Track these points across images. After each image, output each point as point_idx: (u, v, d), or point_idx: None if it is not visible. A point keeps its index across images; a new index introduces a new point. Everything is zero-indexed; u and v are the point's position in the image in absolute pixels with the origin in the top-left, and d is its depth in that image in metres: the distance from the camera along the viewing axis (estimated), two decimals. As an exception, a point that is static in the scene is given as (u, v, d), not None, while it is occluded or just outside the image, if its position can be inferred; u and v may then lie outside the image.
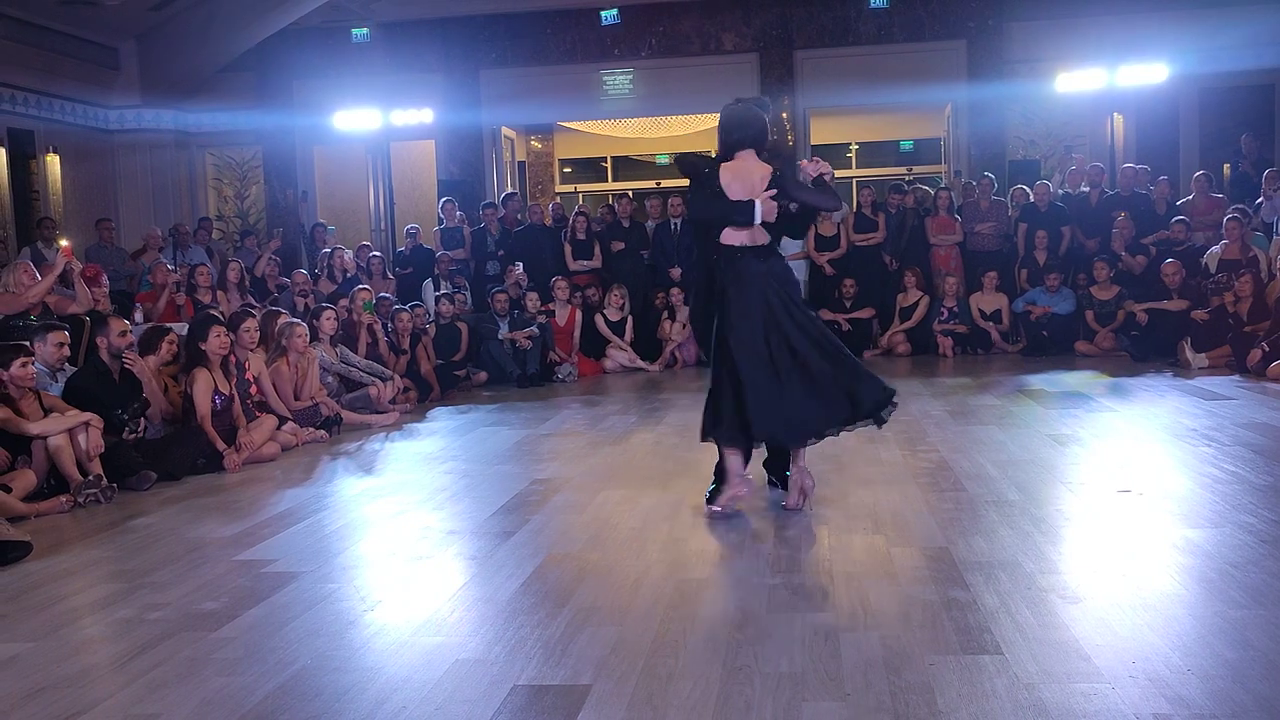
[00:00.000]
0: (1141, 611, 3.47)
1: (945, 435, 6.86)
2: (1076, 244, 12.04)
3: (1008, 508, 4.91)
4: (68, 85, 13.52)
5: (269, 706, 3.02)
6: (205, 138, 15.42)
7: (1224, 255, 10.52)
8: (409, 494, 5.83)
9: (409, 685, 3.14)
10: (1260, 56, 13.43)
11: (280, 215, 15.23)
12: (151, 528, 5.34)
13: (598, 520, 5.11)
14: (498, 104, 14.96)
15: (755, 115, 5.13)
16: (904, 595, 3.74)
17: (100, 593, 4.27)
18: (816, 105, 14.89)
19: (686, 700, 2.95)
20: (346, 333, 9.39)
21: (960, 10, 14.18)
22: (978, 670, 3.05)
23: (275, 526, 5.20)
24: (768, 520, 4.87)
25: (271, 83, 15.16)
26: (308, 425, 7.75)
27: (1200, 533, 4.37)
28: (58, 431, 5.91)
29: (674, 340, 11.83)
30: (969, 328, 11.86)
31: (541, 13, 14.78)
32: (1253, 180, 11.99)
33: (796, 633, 3.41)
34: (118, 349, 6.68)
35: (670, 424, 7.83)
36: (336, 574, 4.34)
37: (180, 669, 3.34)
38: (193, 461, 6.66)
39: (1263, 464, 5.61)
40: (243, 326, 7.47)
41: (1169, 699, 2.82)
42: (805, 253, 12.55)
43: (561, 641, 3.43)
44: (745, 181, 4.99)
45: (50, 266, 7.81)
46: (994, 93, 14.06)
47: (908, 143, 18.99)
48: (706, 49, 14.75)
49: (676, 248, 12.40)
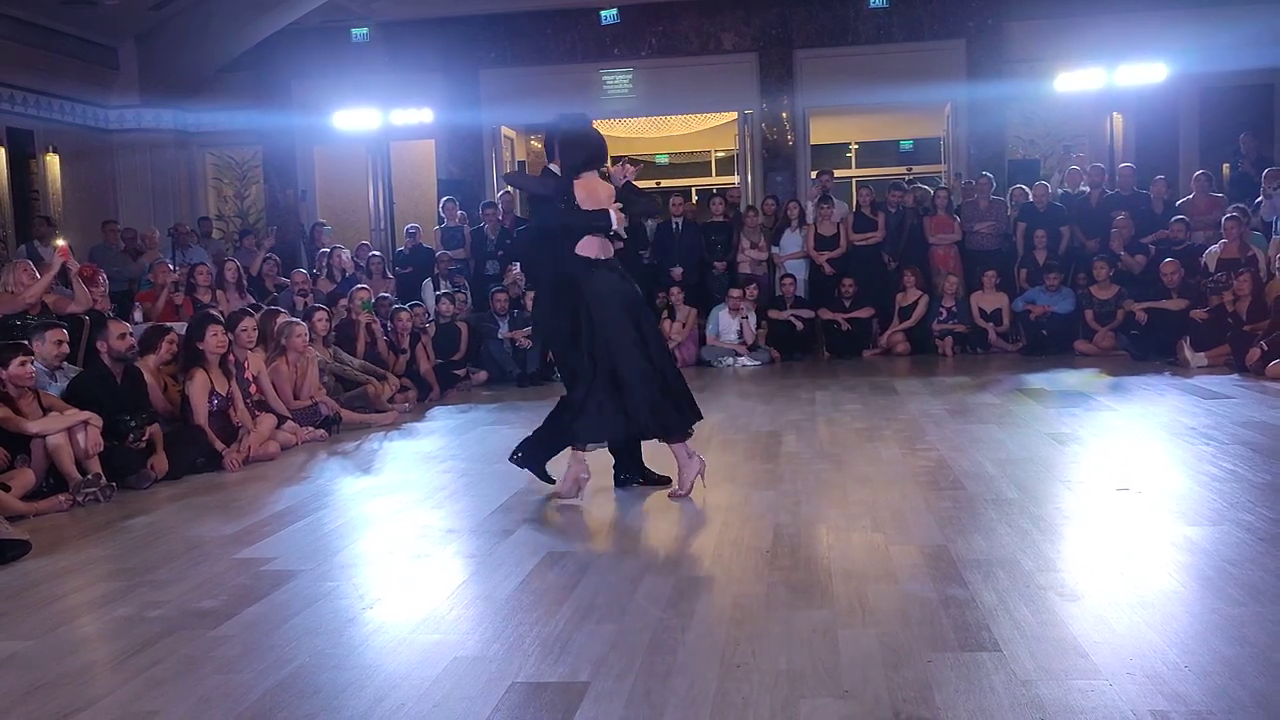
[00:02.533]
0: (1139, 609, 3.47)
1: (944, 434, 6.86)
2: (1076, 243, 12.05)
3: (1006, 506, 4.91)
4: (67, 85, 13.52)
5: (267, 704, 3.03)
6: (205, 137, 15.41)
7: (1223, 254, 10.53)
8: (408, 493, 5.84)
9: (407, 682, 3.14)
10: (1260, 56, 13.41)
11: (280, 215, 15.22)
12: (150, 526, 5.34)
13: (596, 518, 5.11)
14: (497, 103, 14.95)
15: (596, 136, 5.43)
16: (902, 593, 3.74)
17: (99, 591, 4.27)
18: (816, 105, 14.88)
19: (684, 697, 2.95)
20: (345, 332, 9.40)
21: (959, 10, 14.18)
22: (976, 667, 3.05)
23: (274, 525, 5.21)
24: (766, 519, 4.87)
25: (271, 82, 15.15)
26: (307, 424, 7.75)
27: (1198, 531, 4.37)
28: (57, 430, 5.91)
29: (673, 339, 11.82)
30: (968, 327, 11.87)
31: (541, 12, 14.78)
32: (1252, 179, 11.99)
33: (795, 630, 3.41)
34: (118, 352, 6.67)
35: (669, 423, 7.82)
36: (335, 572, 4.34)
37: (179, 666, 3.34)
38: (192, 460, 6.66)
39: (1261, 462, 5.61)
40: (240, 326, 7.48)
41: (1167, 696, 2.82)
42: (805, 252, 12.56)
43: (560, 639, 3.43)
44: (594, 196, 5.29)
45: (48, 266, 7.81)
46: (993, 92, 14.05)
47: (907, 142, 18.99)
48: (706, 49, 14.74)
49: (677, 248, 12.42)
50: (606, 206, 5.29)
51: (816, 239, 12.50)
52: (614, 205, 5.31)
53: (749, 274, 12.45)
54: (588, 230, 5.29)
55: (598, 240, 5.32)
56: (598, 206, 5.28)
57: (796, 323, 12.14)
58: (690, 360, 11.84)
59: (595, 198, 5.31)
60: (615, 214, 5.29)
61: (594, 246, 5.31)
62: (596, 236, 5.31)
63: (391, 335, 9.85)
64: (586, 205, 5.28)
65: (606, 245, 5.37)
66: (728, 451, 6.67)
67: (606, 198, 5.33)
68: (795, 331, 12.14)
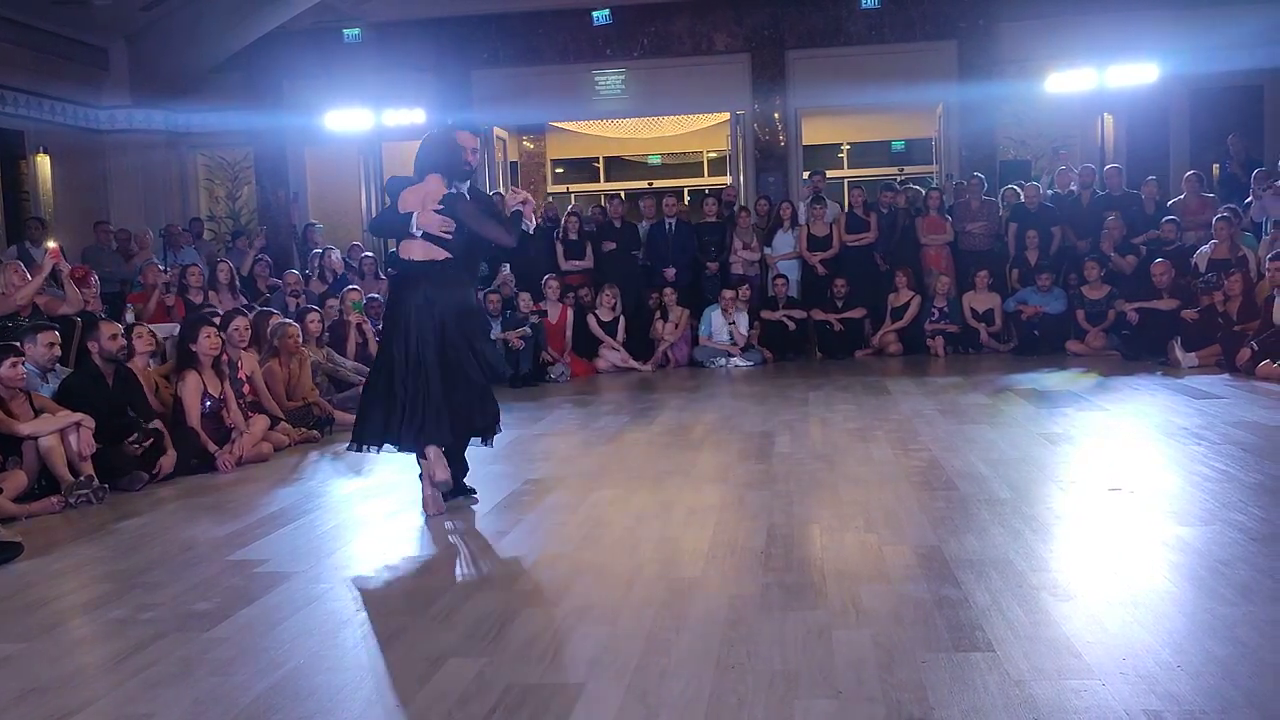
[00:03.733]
0: (1132, 608, 3.48)
1: (937, 434, 6.88)
2: (1068, 244, 12.08)
3: (999, 506, 4.92)
4: (58, 85, 13.47)
5: (261, 706, 3.02)
6: (196, 138, 15.37)
7: (1213, 255, 10.56)
8: (401, 494, 5.82)
9: (402, 684, 3.13)
10: (1250, 57, 13.47)
11: (272, 216, 15.19)
12: (143, 528, 5.33)
13: (590, 520, 5.11)
14: (489, 104, 14.93)
15: (447, 143, 5.33)
16: (896, 593, 3.75)
17: (92, 593, 4.26)
18: (808, 105, 14.90)
19: (679, 698, 2.96)
20: (337, 333, 9.39)
21: (951, 10, 14.21)
22: (969, 667, 3.06)
23: (268, 527, 5.20)
24: (759, 520, 4.88)
25: (262, 83, 15.11)
26: (300, 425, 7.74)
27: (1190, 530, 4.39)
28: (49, 432, 5.90)
29: (666, 340, 11.85)
30: (960, 327, 11.89)
31: (533, 13, 14.76)
32: (1241, 181, 12.03)
33: (788, 631, 3.42)
34: (109, 352, 6.66)
35: (663, 424, 7.83)
36: (329, 574, 4.34)
37: (173, 669, 3.33)
38: (185, 462, 6.64)
39: (1252, 462, 5.63)
40: (233, 325, 7.47)
41: (1159, 695, 2.83)
42: (797, 252, 12.58)
43: (555, 640, 3.43)
44: (418, 198, 5.22)
45: (39, 267, 7.79)
46: (985, 93, 14.08)
47: (899, 143, 19.01)
48: (698, 49, 14.75)
49: (670, 248, 12.42)
50: (425, 206, 5.17)
51: (809, 239, 12.51)
52: (430, 208, 5.16)
53: (742, 274, 12.46)
54: (395, 233, 5.35)
55: (417, 242, 5.22)
56: (416, 207, 5.19)
57: (789, 323, 12.15)
58: (683, 361, 11.86)
59: (418, 198, 5.21)
60: (420, 215, 5.16)
61: (415, 247, 5.23)
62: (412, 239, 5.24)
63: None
64: (408, 203, 5.22)
65: (427, 248, 5.19)
66: (721, 452, 6.67)
67: (431, 199, 5.18)
68: (788, 332, 12.15)
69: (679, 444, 7.00)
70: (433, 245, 5.20)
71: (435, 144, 5.35)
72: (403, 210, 5.23)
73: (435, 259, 5.21)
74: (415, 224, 5.16)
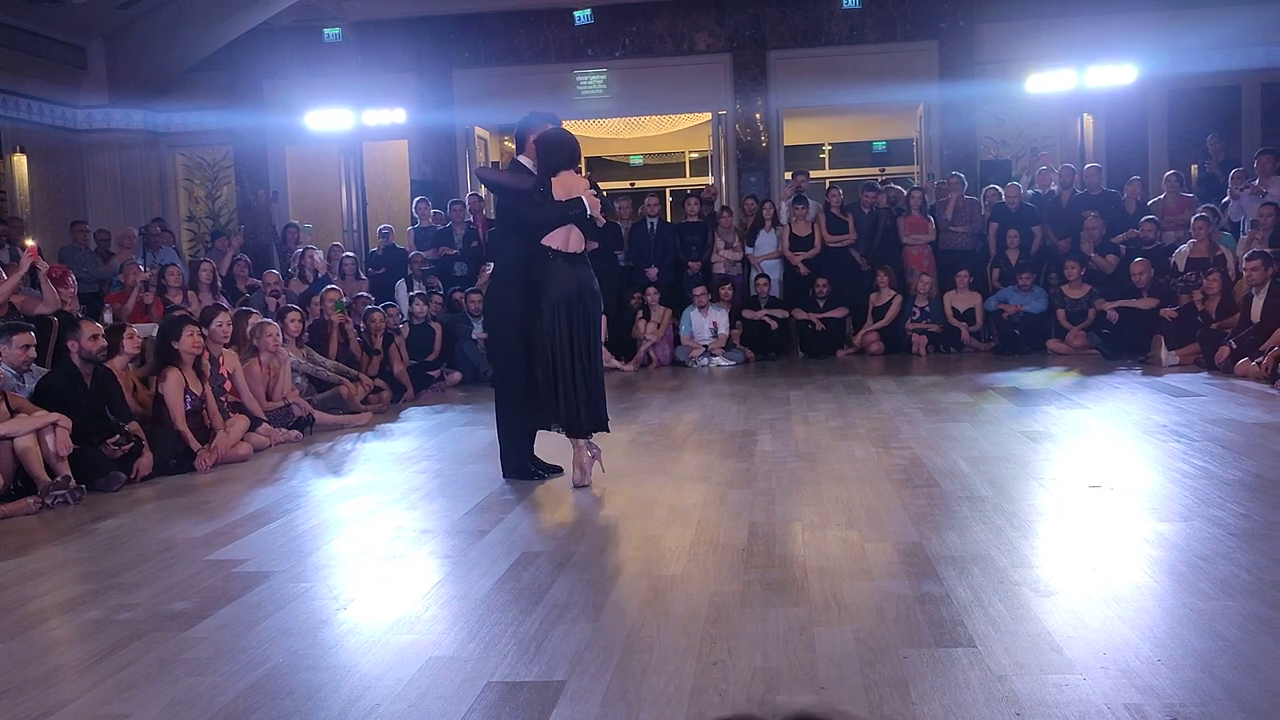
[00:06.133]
0: (1112, 604, 3.49)
1: (918, 432, 6.89)
2: (1048, 243, 12.14)
3: (980, 503, 4.93)
4: (35, 84, 13.37)
5: (240, 705, 3.00)
6: (175, 138, 15.28)
7: (1192, 254, 10.62)
8: (382, 494, 5.80)
9: (382, 683, 3.12)
10: (1228, 58, 13.59)
11: (252, 215, 15.11)
12: (121, 528, 5.29)
13: (572, 518, 5.10)
14: (471, 104, 14.90)
15: (570, 139, 5.69)
16: (878, 590, 3.75)
17: (69, 594, 4.22)
18: (789, 105, 14.92)
19: (660, 695, 2.95)
20: (318, 333, 9.34)
21: (932, 11, 14.26)
22: (951, 663, 3.07)
23: (247, 526, 5.16)
24: (741, 518, 4.87)
25: (242, 82, 15.04)
26: (280, 425, 7.69)
27: (1170, 526, 4.40)
28: (25, 432, 5.84)
29: (649, 340, 11.84)
30: (941, 326, 11.93)
31: (514, 12, 14.74)
32: (1219, 180, 12.12)
33: (770, 628, 3.42)
34: (88, 352, 6.60)
35: (644, 423, 7.82)
36: (309, 573, 4.31)
37: (150, 669, 3.30)
38: (163, 462, 6.59)
39: (1231, 459, 5.66)
40: (216, 321, 7.43)
41: (1140, 689, 2.84)
42: (779, 252, 12.59)
43: (535, 638, 3.42)
44: (570, 191, 5.51)
45: (16, 266, 7.71)
46: (965, 93, 14.14)
47: (880, 143, 19.06)
48: (680, 49, 14.75)
49: (652, 248, 12.42)
50: (580, 195, 5.48)
51: (792, 239, 12.53)
52: (589, 193, 5.50)
53: (724, 274, 12.47)
54: (564, 220, 5.48)
55: (563, 231, 5.48)
56: (570, 196, 5.48)
57: (771, 323, 12.16)
58: (665, 360, 11.86)
59: (571, 191, 5.50)
60: (589, 199, 5.47)
61: (559, 238, 5.48)
62: (566, 227, 5.48)
63: (365, 336, 9.80)
64: (560, 197, 5.48)
65: (576, 237, 5.53)
66: (703, 451, 6.67)
67: (581, 189, 5.51)
68: (770, 331, 12.16)
69: (661, 443, 6.99)
70: (579, 231, 5.53)
71: (556, 143, 5.61)
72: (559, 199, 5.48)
73: (573, 250, 5.54)
74: (590, 208, 5.47)
